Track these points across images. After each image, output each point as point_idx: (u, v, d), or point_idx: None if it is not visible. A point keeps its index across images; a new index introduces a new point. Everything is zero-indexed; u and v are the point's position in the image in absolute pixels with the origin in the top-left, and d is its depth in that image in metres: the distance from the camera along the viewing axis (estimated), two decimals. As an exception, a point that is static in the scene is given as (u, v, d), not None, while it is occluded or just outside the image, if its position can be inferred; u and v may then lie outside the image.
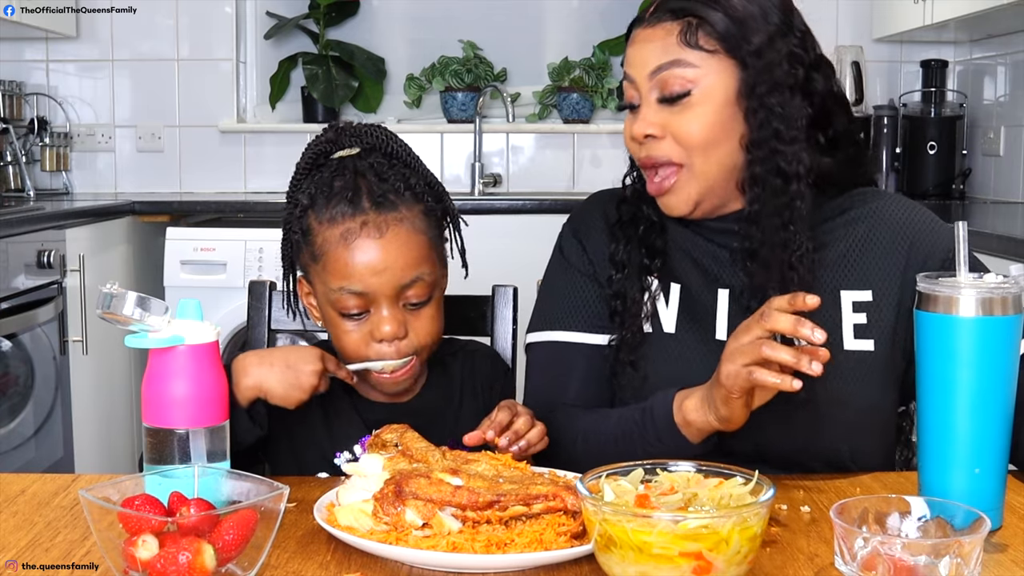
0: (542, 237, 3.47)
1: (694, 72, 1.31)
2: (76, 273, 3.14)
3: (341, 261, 1.34)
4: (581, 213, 1.50)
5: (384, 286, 1.34)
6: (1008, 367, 1.10)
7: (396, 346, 1.36)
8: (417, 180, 1.40)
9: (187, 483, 1.04)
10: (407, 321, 1.37)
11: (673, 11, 1.33)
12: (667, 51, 1.32)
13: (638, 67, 1.34)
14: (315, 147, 1.43)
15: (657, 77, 1.32)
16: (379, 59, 4.19)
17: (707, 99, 1.32)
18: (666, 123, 1.33)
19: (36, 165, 4.08)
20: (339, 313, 1.36)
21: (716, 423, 1.22)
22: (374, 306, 1.35)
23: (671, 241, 1.42)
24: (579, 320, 1.43)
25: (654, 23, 1.34)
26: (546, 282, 1.51)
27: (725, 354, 1.17)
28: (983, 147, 3.86)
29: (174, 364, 1.12)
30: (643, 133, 1.33)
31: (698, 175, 1.34)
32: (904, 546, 0.93)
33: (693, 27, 1.31)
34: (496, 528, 1.03)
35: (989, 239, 2.46)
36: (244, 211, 3.70)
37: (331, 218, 1.35)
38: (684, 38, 1.31)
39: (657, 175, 1.35)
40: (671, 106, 1.32)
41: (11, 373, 2.97)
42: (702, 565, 0.90)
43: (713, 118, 1.32)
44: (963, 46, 4.01)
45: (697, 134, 1.32)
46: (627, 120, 1.38)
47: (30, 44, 4.09)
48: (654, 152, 1.34)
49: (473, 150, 4.12)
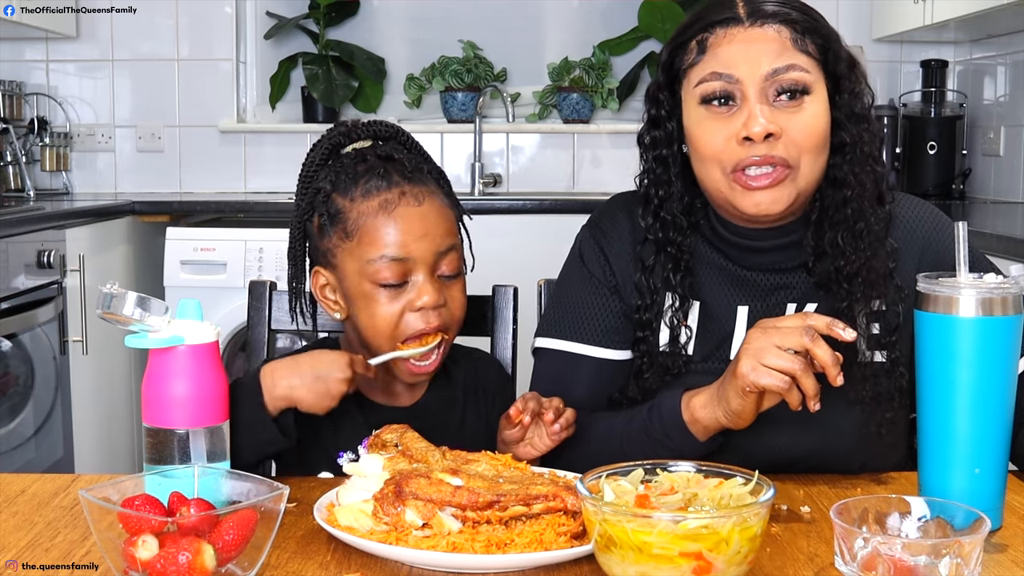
0: (542, 237, 3.52)
1: (809, 76, 1.31)
2: (76, 273, 3.14)
3: (382, 229, 1.36)
4: (603, 218, 1.47)
5: (425, 252, 1.36)
6: (1008, 367, 1.10)
7: (436, 314, 1.37)
8: (431, 168, 1.44)
9: (187, 483, 1.04)
10: (443, 290, 1.39)
11: (775, 15, 1.31)
12: (783, 54, 1.30)
13: (747, 68, 1.30)
14: (328, 141, 1.44)
15: (775, 78, 1.30)
16: (379, 59, 4.19)
17: (820, 101, 1.32)
18: (782, 122, 1.29)
19: (36, 165, 4.08)
20: (377, 284, 1.37)
21: (724, 420, 1.22)
22: (412, 274, 1.37)
23: (695, 257, 1.40)
24: (593, 333, 1.42)
25: (760, 24, 1.31)
26: (562, 286, 1.48)
27: (744, 348, 1.18)
28: (983, 147, 3.86)
29: (174, 364, 1.12)
30: (767, 132, 1.28)
31: (801, 178, 1.31)
32: (904, 546, 0.93)
33: (800, 32, 1.31)
34: (496, 528, 1.03)
35: (989, 239, 2.46)
36: (244, 211, 3.70)
37: (365, 192, 1.38)
38: (797, 43, 1.31)
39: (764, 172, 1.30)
40: (786, 107, 1.30)
41: (11, 373, 2.96)
42: (702, 565, 0.90)
43: (825, 120, 1.32)
44: (963, 46, 4.01)
45: (817, 134, 1.31)
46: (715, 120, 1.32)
47: (30, 44, 4.09)
48: (776, 151, 1.29)
49: (473, 150, 4.12)
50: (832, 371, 1.14)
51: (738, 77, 1.30)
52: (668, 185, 1.39)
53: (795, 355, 1.14)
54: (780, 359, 1.15)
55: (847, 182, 1.34)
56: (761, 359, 1.15)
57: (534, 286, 1.67)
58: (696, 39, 1.34)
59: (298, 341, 2.83)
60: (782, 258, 1.38)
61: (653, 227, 1.39)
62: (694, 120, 1.34)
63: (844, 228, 1.33)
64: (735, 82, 1.30)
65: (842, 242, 1.33)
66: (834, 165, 1.34)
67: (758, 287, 1.39)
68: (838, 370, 1.14)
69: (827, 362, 1.13)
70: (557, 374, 1.42)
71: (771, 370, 1.15)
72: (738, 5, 1.33)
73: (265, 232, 3.30)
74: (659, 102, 1.38)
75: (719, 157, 1.31)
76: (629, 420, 1.33)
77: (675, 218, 1.38)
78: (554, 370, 1.43)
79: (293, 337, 2.87)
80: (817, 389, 1.15)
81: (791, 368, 1.14)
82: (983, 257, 1.39)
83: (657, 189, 1.39)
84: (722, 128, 1.31)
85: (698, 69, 1.33)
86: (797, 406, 1.16)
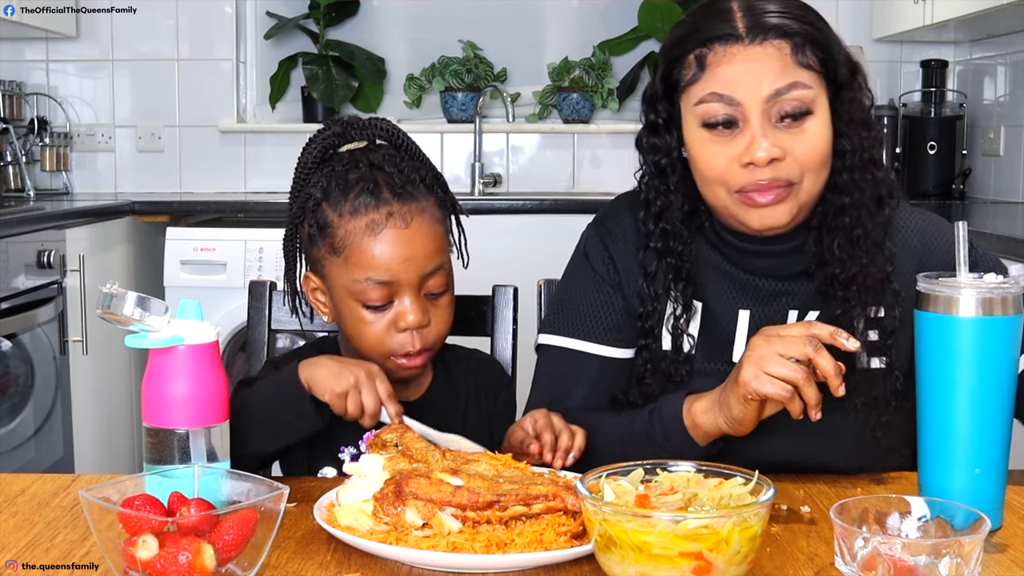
0: (542, 237, 3.52)
1: (811, 93, 1.28)
2: (76, 273, 3.14)
3: (368, 252, 1.35)
4: (608, 217, 1.46)
5: (410, 275, 1.36)
6: (1008, 367, 1.10)
7: (419, 335, 1.37)
8: (426, 172, 1.42)
9: (187, 483, 1.04)
10: (428, 310, 1.38)
11: (775, 28, 1.28)
12: (784, 73, 1.27)
13: (748, 90, 1.28)
14: (321, 141, 1.42)
15: (776, 100, 1.27)
16: (379, 59, 4.19)
17: (822, 118, 1.30)
18: (785, 144, 1.28)
19: (36, 165, 4.08)
20: (362, 305, 1.37)
21: (724, 426, 1.22)
22: (397, 296, 1.37)
23: (698, 259, 1.40)
24: (596, 331, 1.42)
25: (759, 41, 1.28)
26: (566, 283, 1.48)
27: (747, 356, 1.17)
28: (983, 147, 3.86)
29: (174, 364, 1.12)
30: (771, 157, 1.27)
31: (804, 192, 1.31)
32: (904, 546, 0.93)
33: (800, 46, 1.28)
34: (496, 528, 1.03)
35: (989, 239, 2.46)
36: (244, 211, 3.71)
37: (353, 210, 1.36)
38: (797, 58, 1.28)
39: (770, 194, 1.30)
40: (789, 128, 1.28)
41: (11, 373, 2.96)
42: (702, 565, 0.90)
43: (827, 137, 1.31)
44: (963, 46, 4.01)
45: (820, 153, 1.30)
46: (717, 143, 1.30)
47: (30, 44, 4.09)
48: (781, 174, 1.28)
49: (473, 150, 4.12)
50: (834, 381, 1.13)
51: (739, 99, 1.28)
52: (667, 195, 1.38)
53: (798, 364, 1.14)
54: (783, 368, 1.14)
55: (846, 188, 1.33)
56: (764, 367, 1.15)
57: (534, 286, 1.67)
58: (694, 53, 1.31)
59: (298, 341, 2.82)
60: (784, 264, 1.38)
61: (653, 234, 1.39)
62: (695, 141, 1.33)
63: (841, 234, 1.33)
64: (736, 104, 1.28)
65: (838, 249, 1.33)
66: (834, 171, 1.34)
67: (760, 292, 1.39)
68: (840, 380, 1.14)
69: (829, 372, 1.13)
70: (559, 371, 1.42)
71: (773, 378, 1.15)
72: (736, 18, 1.29)
73: (265, 232, 3.30)
74: (657, 111, 1.37)
75: (723, 179, 1.31)
76: (631, 421, 1.33)
77: (675, 227, 1.38)
78: (556, 367, 1.43)
79: (293, 337, 2.87)
80: (819, 399, 1.15)
81: (793, 377, 1.14)
82: (990, 256, 1.39)
83: (656, 198, 1.39)
84: (724, 151, 1.30)
85: (697, 88, 1.31)
86: (798, 415, 1.16)
